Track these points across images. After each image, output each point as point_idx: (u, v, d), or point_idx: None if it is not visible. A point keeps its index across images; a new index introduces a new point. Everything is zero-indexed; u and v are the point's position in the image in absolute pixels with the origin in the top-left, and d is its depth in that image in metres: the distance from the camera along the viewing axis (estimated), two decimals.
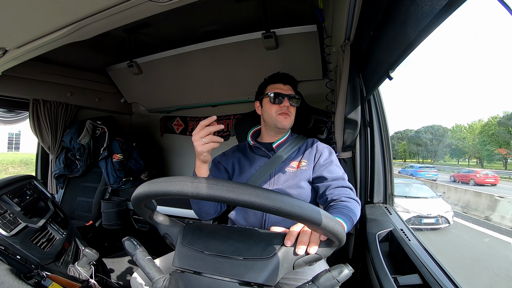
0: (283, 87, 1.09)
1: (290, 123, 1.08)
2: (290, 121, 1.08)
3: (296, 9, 1.60)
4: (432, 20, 0.56)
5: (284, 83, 1.10)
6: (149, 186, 0.52)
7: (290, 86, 1.11)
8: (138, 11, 0.78)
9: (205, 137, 0.76)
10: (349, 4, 0.85)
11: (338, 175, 0.98)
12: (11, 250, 0.97)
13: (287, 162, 1.06)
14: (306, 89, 1.92)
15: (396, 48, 0.78)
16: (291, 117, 1.08)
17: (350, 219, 0.78)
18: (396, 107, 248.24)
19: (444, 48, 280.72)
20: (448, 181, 10.44)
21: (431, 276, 0.67)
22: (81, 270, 1.19)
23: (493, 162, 20.15)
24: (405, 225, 1.01)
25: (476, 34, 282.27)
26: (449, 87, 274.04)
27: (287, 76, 1.12)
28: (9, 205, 1.12)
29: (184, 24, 1.78)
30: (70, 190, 2.38)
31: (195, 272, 0.58)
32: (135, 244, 0.67)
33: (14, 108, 2.27)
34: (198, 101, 2.48)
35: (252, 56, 1.89)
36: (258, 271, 0.55)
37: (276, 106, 1.07)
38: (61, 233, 1.29)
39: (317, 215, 0.48)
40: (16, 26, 0.82)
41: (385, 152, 1.25)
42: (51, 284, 0.99)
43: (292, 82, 1.13)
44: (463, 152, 21.90)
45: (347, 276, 0.54)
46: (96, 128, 2.40)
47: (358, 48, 1.16)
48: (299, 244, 0.59)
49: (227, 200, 0.46)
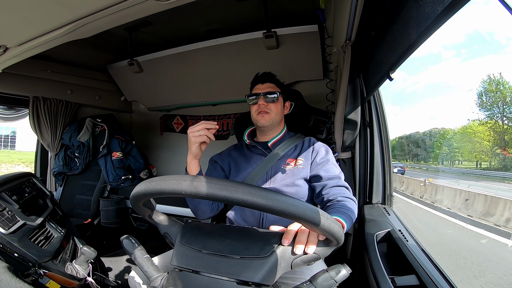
0: (261, 86, 1.12)
1: (269, 120, 1.08)
2: (269, 119, 1.08)
3: (297, 9, 1.60)
4: (434, 21, 0.56)
5: (263, 82, 1.13)
6: (147, 185, 0.52)
7: (270, 83, 1.12)
8: (139, 10, 0.78)
9: (200, 130, 0.84)
10: (350, 5, 0.85)
11: (335, 174, 0.98)
12: (8, 248, 0.97)
13: (283, 160, 1.06)
14: (307, 89, 1.92)
15: (397, 49, 0.78)
16: (270, 114, 1.08)
17: (350, 218, 0.78)
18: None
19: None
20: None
21: (428, 277, 0.67)
22: (79, 268, 1.18)
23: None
24: (403, 226, 1.02)
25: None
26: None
27: (265, 75, 1.14)
28: (8, 202, 1.12)
29: (185, 23, 1.77)
30: (69, 188, 2.37)
31: (193, 271, 0.58)
32: (133, 242, 0.68)
33: (14, 106, 2.27)
34: (198, 100, 2.48)
35: (252, 56, 1.89)
36: (255, 270, 0.55)
37: (254, 106, 1.10)
38: (59, 231, 1.29)
39: (315, 214, 0.48)
40: (17, 24, 0.81)
41: (384, 153, 1.25)
42: (48, 282, 0.99)
43: (272, 80, 1.14)
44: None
45: (345, 277, 0.54)
46: (96, 126, 2.39)
47: (359, 49, 1.16)
48: (297, 243, 0.58)
49: (224, 199, 0.46)
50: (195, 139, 0.85)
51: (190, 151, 0.90)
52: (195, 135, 0.84)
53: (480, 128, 20.96)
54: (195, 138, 0.85)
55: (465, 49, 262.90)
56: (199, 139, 0.85)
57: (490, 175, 13.24)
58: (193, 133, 0.84)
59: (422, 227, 4.34)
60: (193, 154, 0.89)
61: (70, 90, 2.28)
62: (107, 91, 2.55)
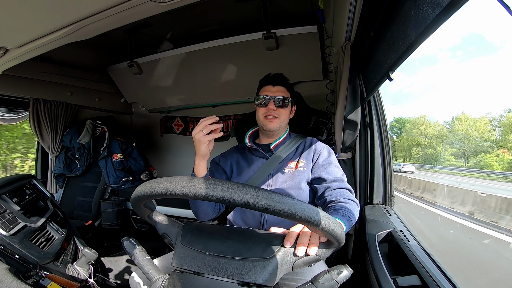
0: (272, 88, 1.07)
1: (276, 125, 1.05)
2: (277, 124, 1.05)
3: (296, 9, 1.60)
4: (433, 21, 0.56)
5: (274, 84, 1.08)
6: (149, 186, 0.52)
7: (281, 87, 1.08)
8: (139, 11, 0.78)
9: (203, 129, 0.82)
10: (350, 5, 0.85)
11: (337, 177, 0.97)
12: (10, 250, 0.97)
13: (285, 163, 1.06)
14: (306, 90, 1.92)
15: (397, 49, 0.78)
16: (279, 119, 1.05)
17: (349, 220, 0.78)
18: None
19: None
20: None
21: (430, 277, 0.67)
22: (80, 269, 1.18)
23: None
24: (404, 226, 1.01)
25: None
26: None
27: (277, 77, 1.10)
28: (9, 204, 1.12)
29: (185, 24, 1.78)
30: (70, 190, 2.37)
31: (194, 272, 0.58)
32: (134, 244, 0.67)
33: (14, 108, 2.27)
34: (198, 101, 2.48)
35: (252, 57, 1.89)
36: (257, 272, 0.55)
37: (262, 109, 1.06)
38: (60, 233, 1.29)
39: (317, 216, 0.48)
40: (17, 25, 0.82)
41: (384, 153, 1.25)
42: (49, 283, 0.99)
43: (283, 83, 1.09)
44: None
45: (346, 277, 0.54)
46: (96, 127, 2.40)
47: (358, 49, 1.16)
48: (299, 245, 0.59)
49: (227, 201, 0.46)
50: (203, 138, 0.83)
51: (198, 153, 0.88)
52: (201, 134, 0.83)
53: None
54: (204, 138, 0.83)
55: (461, 51, 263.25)
56: (207, 138, 0.83)
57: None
58: (198, 134, 0.83)
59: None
60: (201, 155, 0.88)
61: (70, 92, 2.28)
62: (107, 93, 2.55)
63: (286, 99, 1.06)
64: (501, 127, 20.23)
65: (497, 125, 20.26)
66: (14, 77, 1.93)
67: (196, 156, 0.90)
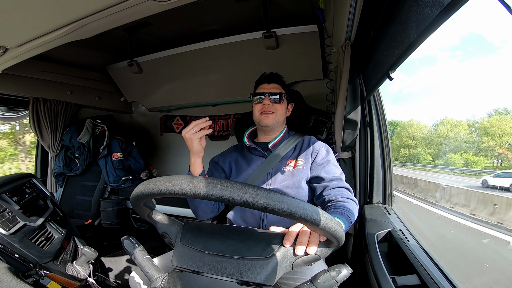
0: (267, 86, 1.11)
1: (272, 121, 1.08)
2: (273, 119, 1.08)
3: (296, 9, 1.59)
4: (433, 21, 0.56)
5: (269, 82, 1.12)
6: (149, 185, 0.52)
7: (276, 84, 1.12)
8: (138, 10, 0.78)
9: (194, 127, 0.86)
10: (350, 5, 0.85)
11: (336, 176, 0.98)
12: (9, 249, 0.97)
13: (283, 162, 1.06)
14: (306, 89, 1.92)
15: (397, 49, 0.78)
16: (275, 114, 1.08)
17: (348, 219, 0.78)
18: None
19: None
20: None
21: (429, 276, 0.67)
22: (80, 269, 1.19)
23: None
24: (404, 225, 1.02)
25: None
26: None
27: (272, 75, 1.14)
28: (8, 203, 1.12)
29: (185, 23, 1.77)
30: (70, 189, 2.37)
31: (194, 271, 0.58)
32: (134, 243, 0.67)
33: (14, 107, 2.27)
34: (198, 101, 2.48)
35: (252, 56, 1.89)
36: (257, 271, 0.55)
37: (258, 106, 1.09)
38: (60, 232, 1.29)
39: (316, 215, 0.48)
40: (17, 24, 0.81)
41: (384, 152, 1.25)
42: (49, 283, 0.99)
43: (278, 80, 1.13)
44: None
45: (345, 276, 0.54)
46: (96, 126, 2.39)
47: (358, 49, 1.16)
48: (298, 244, 0.59)
49: (227, 200, 0.46)
50: (194, 136, 0.86)
51: (192, 151, 0.90)
52: (191, 132, 0.85)
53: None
54: (194, 135, 0.85)
55: (460, 51, 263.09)
56: (198, 135, 0.86)
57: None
58: (189, 132, 0.86)
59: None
60: (195, 152, 0.90)
61: (70, 91, 2.28)
62: (107, 92, 2.55)
63: (282, 95, 1.09)
64: (477, 130, 22.61)
65: (474, 130, 22.76)
66: (14, 76, 1.93)
67: (191, 155, 0.91)
